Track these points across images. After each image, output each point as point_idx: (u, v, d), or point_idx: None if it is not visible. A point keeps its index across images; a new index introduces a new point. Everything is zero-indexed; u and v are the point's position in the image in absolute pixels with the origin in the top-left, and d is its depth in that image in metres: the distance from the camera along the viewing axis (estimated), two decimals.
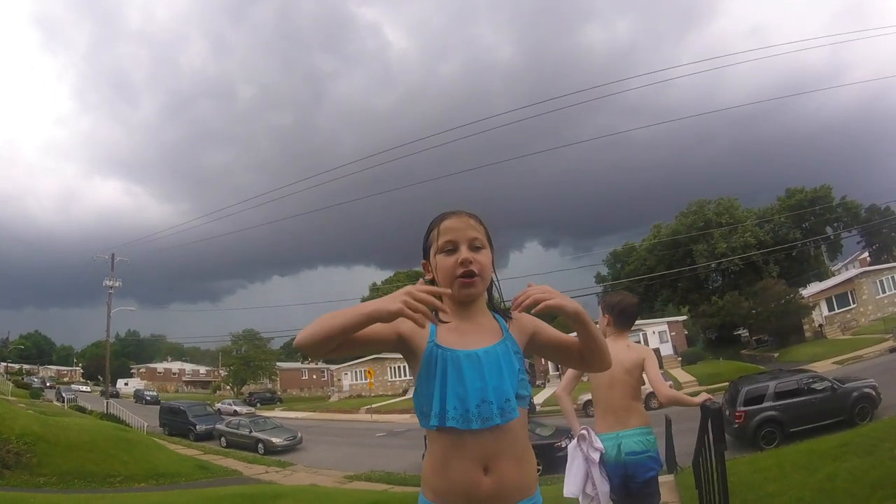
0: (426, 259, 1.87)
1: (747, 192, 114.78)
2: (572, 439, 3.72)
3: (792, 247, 51.57)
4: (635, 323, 3.84)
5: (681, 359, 40.97)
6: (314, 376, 73.22)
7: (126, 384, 71.01)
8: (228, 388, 65.68)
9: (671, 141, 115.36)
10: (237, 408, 43.89)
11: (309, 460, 21.72)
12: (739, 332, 52.68)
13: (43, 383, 63.45)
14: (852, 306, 40.53)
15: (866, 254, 57.00)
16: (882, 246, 55.87)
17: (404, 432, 27.76)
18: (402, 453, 21.05)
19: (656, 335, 43.23)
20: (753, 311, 44.08)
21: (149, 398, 54.40)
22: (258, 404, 51.67)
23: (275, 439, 25.38)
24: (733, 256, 50.53)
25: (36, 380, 68.57)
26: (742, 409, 14.71)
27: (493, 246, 1.86)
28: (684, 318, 49.85)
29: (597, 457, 3.53)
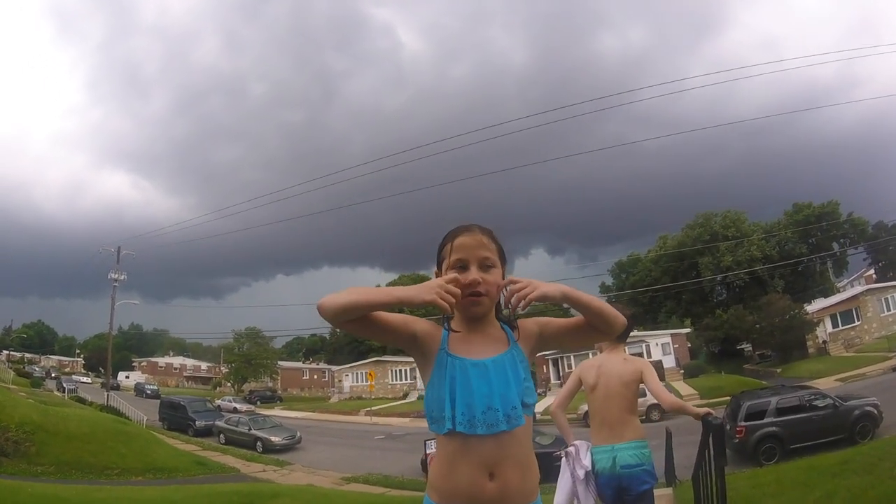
0: (439, 270, 1.90)
1: (754, 206, 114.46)
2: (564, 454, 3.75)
3: (798, 262, 51.42)
4: (637, 335, 3.85)
5: (683, 371, 40.83)
6: (315, 376, 73.18)
7: (127, 377, 71.03)
8: (229, 384, 65.67)
9: (680, 151, 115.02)
10: (237, 405, 43.86)
11: (307, 460, 21.75)
12: (742, 347, 52.49)
13: (47, 374, 63.33)
14: (857, 323, 40.34)
15: (872, 271, 56.71)
16: (888, 263, 55.61)
17: (403, 436, 27.75)
18: (400, 457, 21.04)
19: (659, 347, 43.13)
20: (757, 326, 43.91)
21: (149, 392, 54.35)
22: (258, 402, 51.59)
23: (273, 438, 25.40)
24: (739, 270, 50.42)
25: (37, 369, 68.59)
26: (743, 423, 14.68)
27: (505, 259, 1.90)
28: (688, 330, 49.74)
29: (582, 474, 3.56)
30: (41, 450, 16.06)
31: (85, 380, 63.67)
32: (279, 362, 68.31)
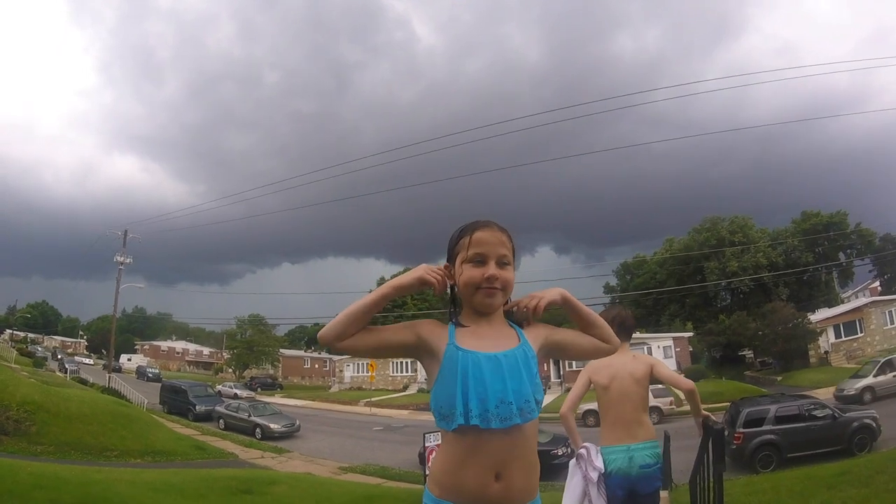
0: (451, 263, 1.90)
1: (762, 212, 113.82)
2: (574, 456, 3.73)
3: (803, 271, 51.27)
4: (639, 337, 3.84)
5: (683, 375, 40.66)
6: (316, 365, 73.30)
7: (129, 360, 71.35)
8: (230, 370, 65.90)
9: (691, 154, 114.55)
10: (238, 391, 44.06)
11: (305, 448, 21.83)
12: (744, 353, 52.32)
13: (54, 355, 63.42)
14: (859, 335, 40.12)
15: (877, 283, 56.45)
16: (894, 276, 55.37)
17: (401, 428, 27.85)
18: (397, 448, 21.12)
19: (661, 350, 43.01)
20: (760, 333, 43.78)
21: (151, 375, 54.69)
22: (259, 389, 51.70)
23: (273, 425, 25.50)
24: (744, 276, 50.30)
25: (40, 349, 68.81)
26: (741, 430, 14.68)
27: (516, 260, 1.92)
28: (690, 334, 49.60)
29: (595, 476, 3.52)
30: (41, 429, 16.20)
31: (87, 361, 64.06)
32: (281, 350, 68.41)
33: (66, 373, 43.61)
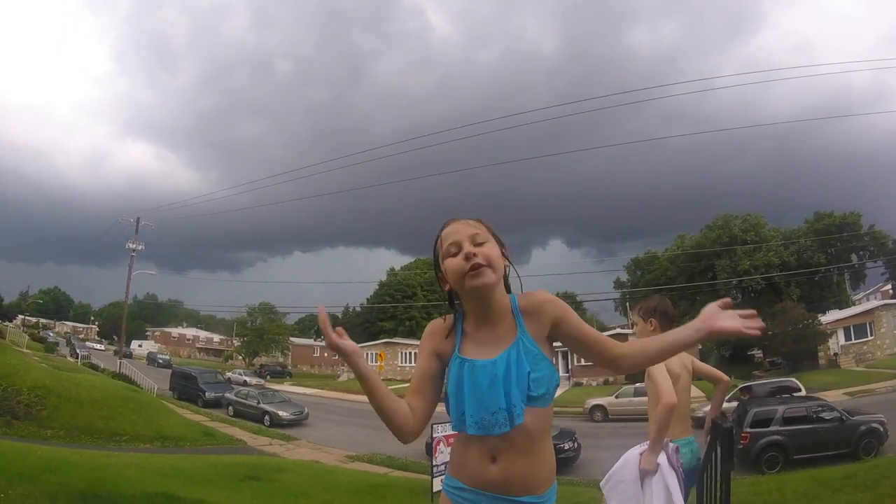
0: (439, 271, 1.88)
1: (776, 210, 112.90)
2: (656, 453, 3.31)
3: (815, 271, 50.90)
4: None
5: None
6: (325, 354, 73.32)
7: (140, 346, 71.79)
8: (240, 358, 66.33)
9: (705, 150, 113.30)
10: (247, 378, 44.34)
11: (313, 437, 21.99)
12: (753, 353, 52.12)
13: (68, 341, 63.82)
14: (869, 338, 39.84)
15: (889, 286, 55.94)
16: None
17: None
18: None
19: None
20: (770, 333, 43.50)
21: (161, 361, 55.11)
22: (268, 377, 51.96)
23: (281, 413, 25.68)
24: (756, 275, 50.02)
25: (52, 334, 69.40)
26: (748, 430, 14.66)
27: (502, 242, 1.88)
28: None
29: (681, 472, 3.31)
30: (52, 414, 16.39)
31: (98, 347, 64.48)
32: (291, 338, 68.81)
33: (77, 358, 44.09)
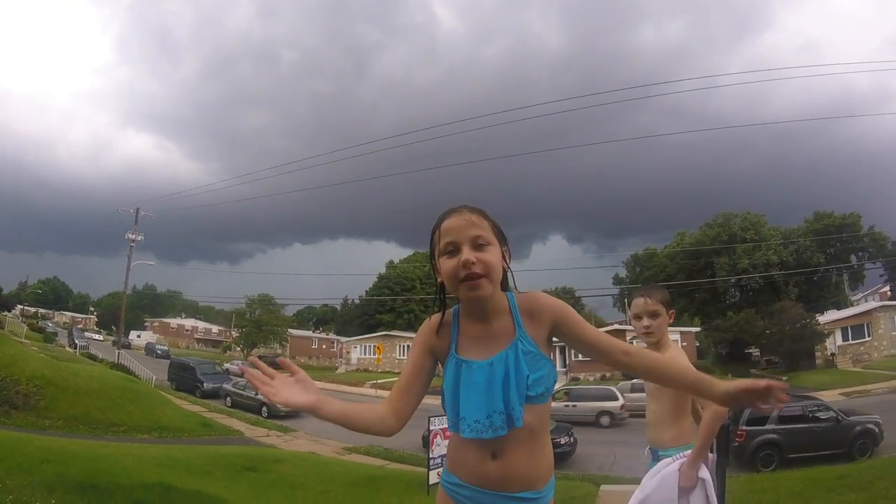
0: (434, 261, 1.81)
1: (776, 210, 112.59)
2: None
3: (814, 271, 51.00)
4: None
5: None
6: (324, 346, 73.63)
7: (139, 336, 71.93)
8: (239, 349, 66.35)
9: (708, 147, 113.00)
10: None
11: (310, 428, 21.96)
12: (751, 351, 52.22)
13: (70, 332, 63.85)
14: (867, 339, 39.89)
15: (888, 287, 56.02)
16: None
17: None
18: (401, 432, 21.19)
19: None
20: (767, 332, 43.65)
21: (159, 352, 55.11)
22: None
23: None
24: (754, 274, 50.10)
25: (51, 325, 69.31)
26: (744, 428, 14.67)
27: (504, 239, 1.80)
28: (697, 329, 49.56)
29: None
30: (50, 404, 16.40)
31: (97, 337, 64.53)
32: (289, 330, 68.81)
33: (75, 348, 44.08)
